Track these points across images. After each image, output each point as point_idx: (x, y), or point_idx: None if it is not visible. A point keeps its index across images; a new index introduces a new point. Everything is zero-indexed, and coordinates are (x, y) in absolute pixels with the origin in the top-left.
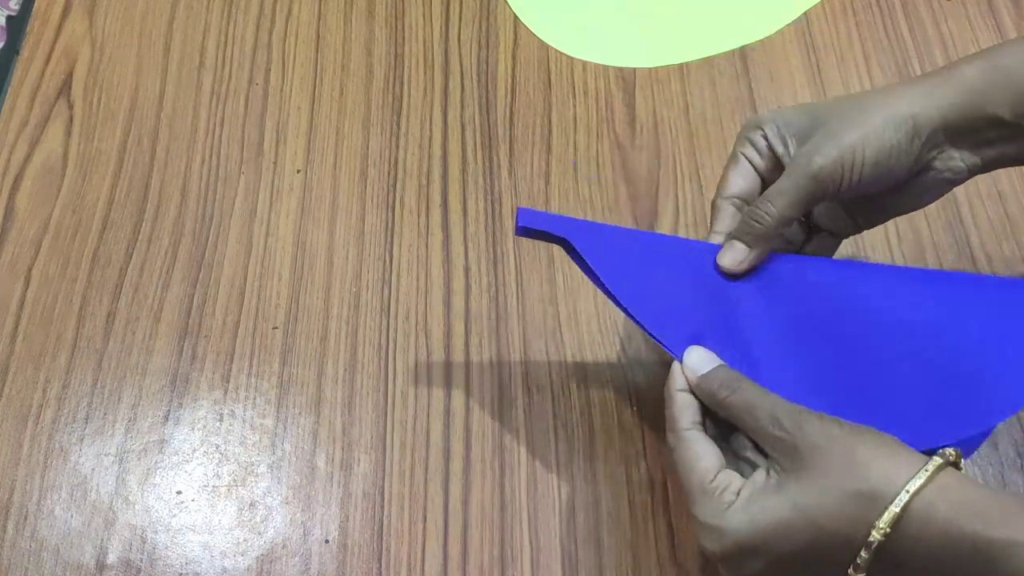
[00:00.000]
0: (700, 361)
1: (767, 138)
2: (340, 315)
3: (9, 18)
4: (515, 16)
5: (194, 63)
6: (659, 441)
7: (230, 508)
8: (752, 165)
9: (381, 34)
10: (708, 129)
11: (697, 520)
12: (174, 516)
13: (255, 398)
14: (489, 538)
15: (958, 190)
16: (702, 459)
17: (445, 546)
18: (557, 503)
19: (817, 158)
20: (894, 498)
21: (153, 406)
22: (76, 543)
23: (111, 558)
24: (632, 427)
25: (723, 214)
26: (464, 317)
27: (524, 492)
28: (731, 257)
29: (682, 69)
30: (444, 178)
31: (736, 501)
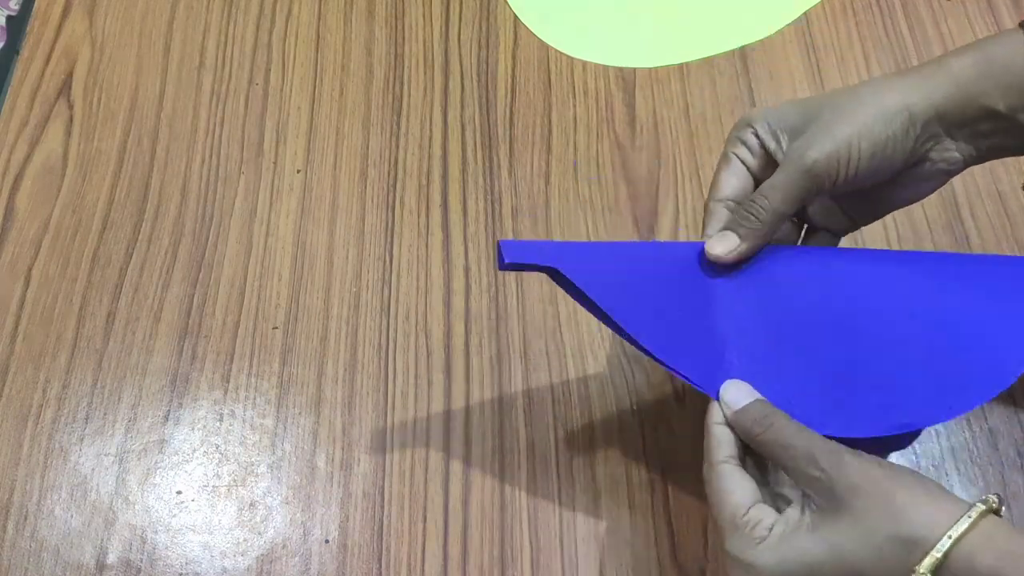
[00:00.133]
0: (737, 395)
1: (758, 135)
2: (340, 315)
3: (9, 18)
4: (515, 16)
5: (194, 63)
6: (659, 441)
7: (230, 508)
8: (744, 165)
9: (381, 34)
10: (708, 129)
11: (728, 554)
12: (174, 516)
13: (255, 398)
14: (489, 538)
15: (958, 190)
16: (735, 493)
17: (445, 546)
18: (557, 503)
19: (811, 152)
20: (935, 543)
21: (153, 406)
22: (76, 543)
23: (111, 558)
24: (632, 427)
25: (716, 217)
26: (464, 317)
27: (524, 492)
28: (722, 246)
29: (682, 69)
30: (444, 178)
31: (768, 537)
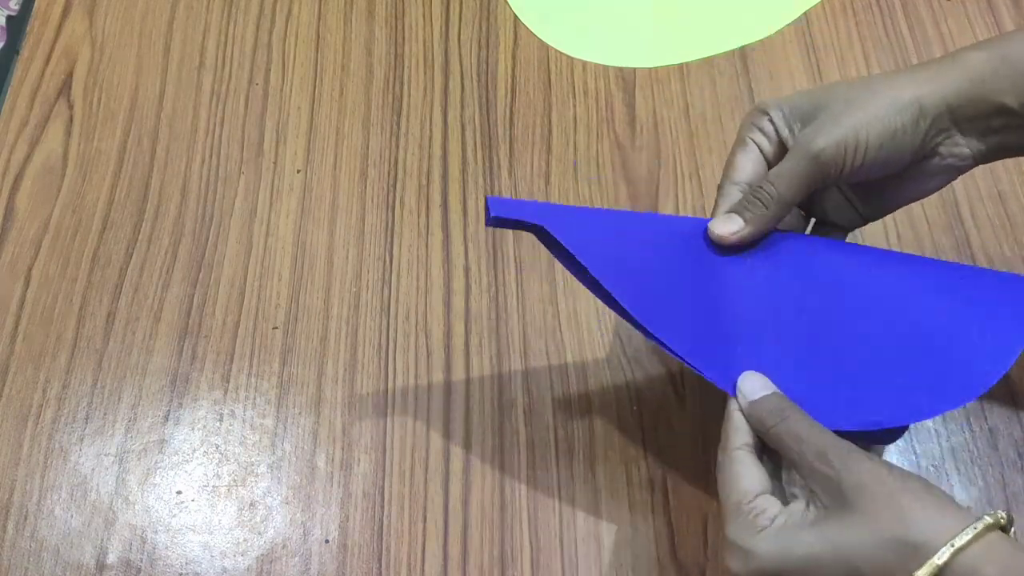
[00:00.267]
0: (753, 387)
1: (773, 122)
2: (340, 315)
3: (9, 18)
4: (515, 16)
5: (194, 63)
6: (659, 441)
7: (230, 508)
8: (760, 150)
9: (381, 34)
10: (708, 129)
11: (727, 538)
12: (174, 516)
13: (255, 398)
14: (489, 538)
15: (958, 191)
16: (744, 479)
17: (445, 546)
18: (557, 503)
19: (819, 139)
20: (937, 551)
21: (153, 406)
22: (76, 543)
23: (111, 558)
24: (632, 427)
25: (730, 199)
26: (464, 317)
27: (524, 492)
28: (726, 227)
29: (682, 69)
30: (444, 178)
31: (770, 527)
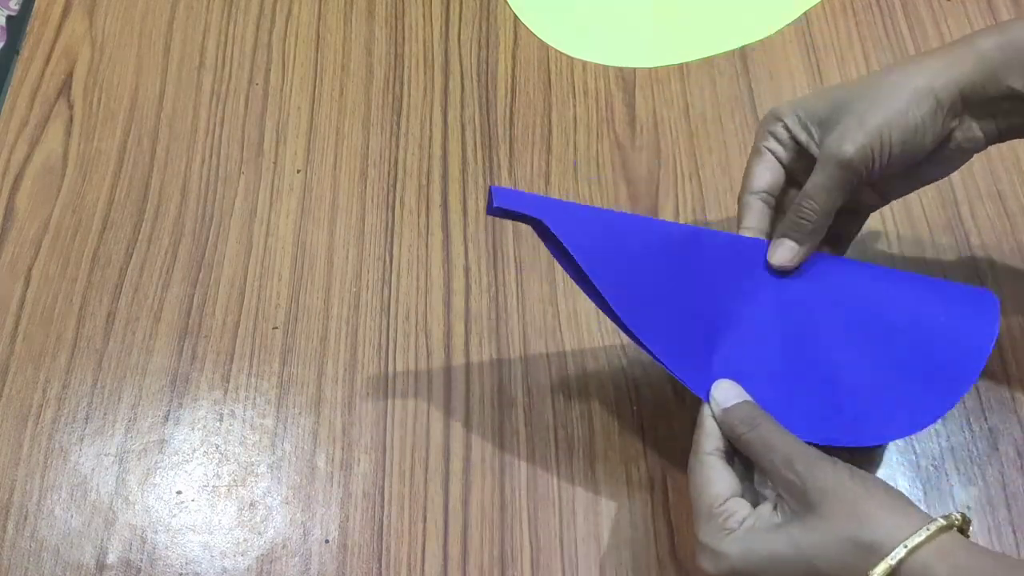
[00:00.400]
0: (727, 395)
1: (788, 128)
2: (340, 315)
3: (9, 18)
4: (515, 16)
5: (194, 63)
6: (659, 441)
7: (230, 508)
8: (776, 158)
9: (381, 34)
10: (708, 129)
11: (699, 541)
12: (174, 516)
13: (255, 398)
14: (489, 538)
15: (958, 190)
16: (714, 484)
17: (445, 546)
18: (557, 503)
19: (847, 146)
20: (890, 551)
21: (153, 406)
22: (76, 543)
23: (111, 558)
24: (632, 427)
25: (751, 209)
26: (464, 317)
27: (524, 492)
28: (782, 255)
29: (682, 69)
30: (444, 178)
31: (738, 530)
